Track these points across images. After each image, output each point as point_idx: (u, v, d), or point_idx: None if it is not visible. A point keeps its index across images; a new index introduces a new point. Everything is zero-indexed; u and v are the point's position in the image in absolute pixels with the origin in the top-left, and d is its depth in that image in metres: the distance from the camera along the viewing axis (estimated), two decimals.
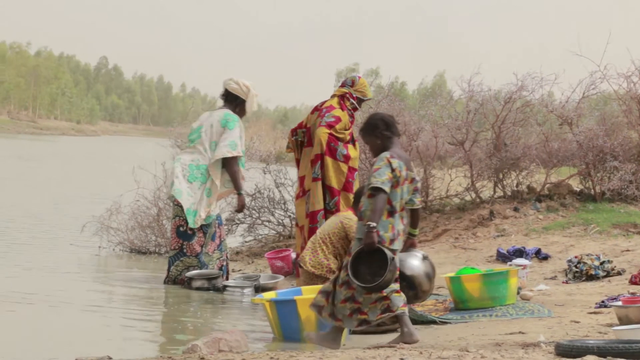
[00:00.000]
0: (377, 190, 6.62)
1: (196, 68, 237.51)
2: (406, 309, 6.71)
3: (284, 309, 7.19)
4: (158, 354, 6.21)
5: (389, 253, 6.53)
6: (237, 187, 10.30)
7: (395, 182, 6.74)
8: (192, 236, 10.17)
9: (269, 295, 7.56)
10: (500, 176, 13.68)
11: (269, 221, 13.96)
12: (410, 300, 7.04)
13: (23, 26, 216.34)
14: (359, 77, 10.19)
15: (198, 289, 9.97)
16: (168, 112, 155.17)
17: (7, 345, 6.55)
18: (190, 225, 10.10)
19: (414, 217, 7.12)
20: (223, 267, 10.36)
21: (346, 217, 8.46)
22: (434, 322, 7.87)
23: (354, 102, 9.97)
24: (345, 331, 7.23)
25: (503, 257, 10.88)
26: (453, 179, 14.16)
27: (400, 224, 6.82)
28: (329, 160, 9.63)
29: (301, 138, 10.13)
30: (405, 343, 6.50)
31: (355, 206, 8.36)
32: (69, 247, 13.10)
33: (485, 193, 13.88)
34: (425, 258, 7.39)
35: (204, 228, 10.20)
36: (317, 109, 10.04)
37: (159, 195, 13.42)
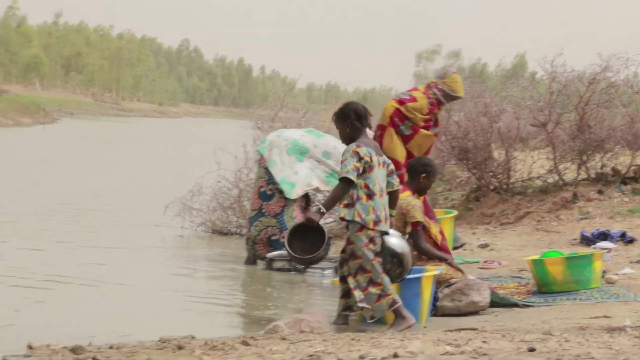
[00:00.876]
0: (343, 180, 6.83)
1: (276, 50, 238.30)
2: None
3: None
4: (240, 334, 6.25)
5: (327, 233, 6.93)
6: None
7: (368, 167, 6.88)
8: (272, 197, 10.38)
9: None
10: (584, 158, 13.46)
11: None
12: (396, 278, 7.06)
13: (106, 10, 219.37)
14: (453, 72, 10.00)
15: (279, 270, 10.02)
16: (248, 94, 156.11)
17: (92, 325, 6.67)
18: (286, 195, 10.33)
19: (392, 199, 7.11)
20: None
21: (404, 200, 8.22)
22: (516, 305, 7.79)
23: (438, 93, 9.79)
24: (427, 314, 7.21)
25: (587, 240, 10.71)
26: (535, 161, 13.99)
27: (382, 209, 6.90)
28: (392, 132, 9.44)
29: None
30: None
31: (410, 181, 8.27)
32: (153, 227, 13.28)
33: (568, 175, 13.68)
34: (404, 238, 7.39)
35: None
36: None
37: (240, 176, 13.51)
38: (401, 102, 9.49)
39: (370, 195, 6.86)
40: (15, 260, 9.57)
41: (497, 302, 7.77)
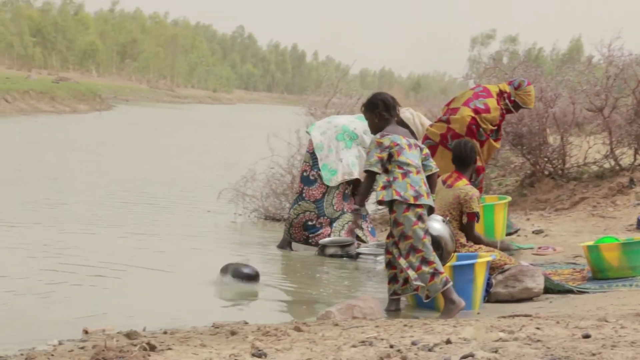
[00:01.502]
0: (368, 173, 6.94)
1: (329, 36, 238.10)
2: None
3: None
4: (293, 320, 6.27)
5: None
6: (357, 202, 9.96)
7: (396, 151, 6.88)
8: (314, 182, 10.46)
9: None
10: None
11: None
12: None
13: None
14: (528, 84, 9.93)
15: (331, 256, 10.03)
16: (302, 80, 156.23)
17: (145, 310, 6.73)
18: (325, 182, 10.30)
19: (431, 183, 7.07)
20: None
21: (462, 189, 8.18)
22: (571, 291, 7.71)
23: (510, 104, 9.75)
24: (480, 300, 7.17)
25: None
26: (591, 146, 13.82)
27: (422, 184, 6.91)
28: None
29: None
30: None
31: (463, 169, 8.22)
32: (207, 214, 13.37)
33: (624, 160, 13.51)
34: (444, 221, 7.32)
35: None
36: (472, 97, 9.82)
37: (293, 163, 13.53)
38: (476, 111, 9.51)
39: (405, 174, 6.88)
40: (70, 245, 9.69)
41: (552, 289, 7.71)
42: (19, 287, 7.20)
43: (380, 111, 7.11)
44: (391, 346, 4.61)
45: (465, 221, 7.92)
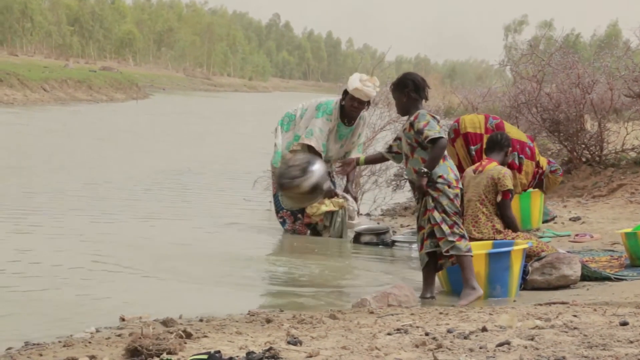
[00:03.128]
0: (438, 140, 6.85)
1: (364, 23, 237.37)
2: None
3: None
4: (328, 308, 6.28)
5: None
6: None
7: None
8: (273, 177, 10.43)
9: None
10: None
11: None
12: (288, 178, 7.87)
13: None
14: (561, 174, 9.52)
15: (367, 243, 10.03)
16: (337, 67, 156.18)
17: (181, 298, 6.76)
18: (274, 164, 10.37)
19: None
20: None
21: (494, 169, 8.05)
22: (608, 278, 7.66)
23: (534, 180, 9.39)
24: (516, 287, 7.14)
25: None
26: (629, 132, 13.71)
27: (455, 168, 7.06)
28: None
29: None
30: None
31: (495, 155, 8.14)
32: (242, 202, 13.40)
33: None
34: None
35: None
36: None
37: None
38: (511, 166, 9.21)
39: (444, 157, 6.98)
40: (107, 233, 9.75)
41: (589, 276, 7.66)
42: (57, 274, 7.26)
43: (409, 91, 7.10)
44: (426, 334, 4.60)
45: (499, 199, 7.84)
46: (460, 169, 8.83)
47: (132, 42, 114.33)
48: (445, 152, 7.01)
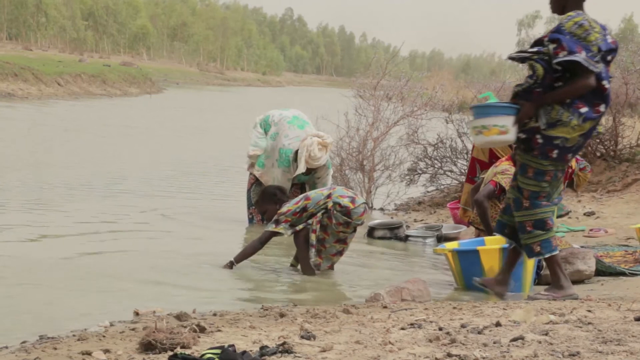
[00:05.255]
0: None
1: (377, 18, 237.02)
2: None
3: (467, 259, 7.14)
4: (341, 302, 6.28)
5: None
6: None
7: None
8: (250, 175, 10.86)
9: (451, 245, 7.52)
10: None
11: (451, 171, 13.87)
12: None
13: None
14: (590, 171, 9.29)
15: (380, 238, 10.02)
16: (350, 62, 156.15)
17: (195, 293, 6.77)
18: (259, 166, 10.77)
19: None
20: None
21: (501, 165, 8.02)
22: (623, 273, 7.64)
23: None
24: (530, 282, 7.12)
25: None
26: None
27: None
28: None
29: None
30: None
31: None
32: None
33: None
34: None
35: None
36: None
37: (342, 145, 13.52)
38: None
39: None
40: (123, 228, 9.78)
41: (603, 271, 7.64)
42: (70, 267, 7.28)
43: None
44: (440, 329, 4.59)
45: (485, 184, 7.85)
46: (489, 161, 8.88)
47: (145, 36, 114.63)
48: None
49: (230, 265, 7.56)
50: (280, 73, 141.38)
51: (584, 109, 6.16)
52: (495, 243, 7.30)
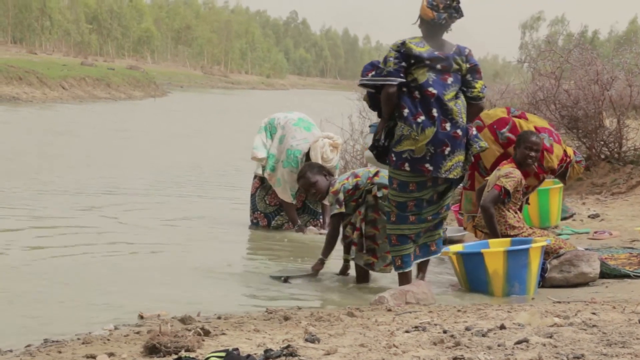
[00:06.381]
0: None
1: (380, 20, 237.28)
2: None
3: (471, 262, 7.13)
4: (345, 305, 6.28)
5: None
6: None
7: None
8: (254, 178, 10.89)
9: (456, 248, 7.51)
10: None
11: None
12: None
13: None
14: (585, 166, 9.28)
15: None
16: (354, 65, 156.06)
17: (200, 296, 6.78)
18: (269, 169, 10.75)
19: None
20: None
21: (504, 168, 7.97)
22: (627, 276, 7.62)
23: (560, 168, 9.17)
24: (535, 285, 7.12)
25: None
26: None
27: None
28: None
29: None
30: None
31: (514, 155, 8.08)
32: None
33: None
34: None
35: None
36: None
37: (346, 148, 13.51)
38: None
39: None
40: (126, 231, 9.78)
41: (608, 273, 7.62)
42: (74, 271, 7.29)
43: None
44: (445, 331, 4.59)
45: (489, 188, 7.79)
46: (475, 167, 8.82)
47: (150, 39, 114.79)
48: None
49: (321, 262, 7.50)
50: (284, 76, 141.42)
51: (420, 118, 6.65)
52: (499, 246, 7.29)
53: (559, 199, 10.18)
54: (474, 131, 6.84)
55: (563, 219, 10.50)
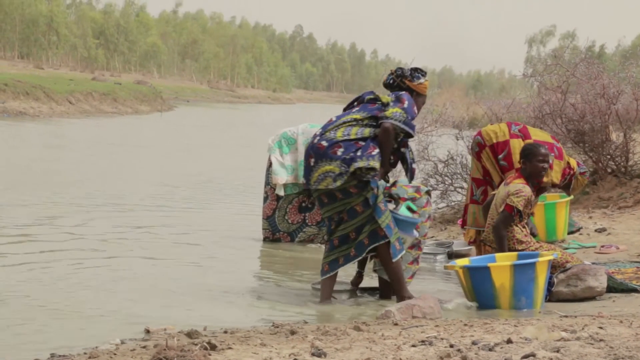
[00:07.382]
0: None
1: (387, 34, 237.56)
2: None
3: (478, 276, 7.12)
4: (352, 319, 6.28)
5: None
6: None
7: None
8: (266, 199, 10.83)
9: (462, 262, 7.50)
10: None
11: (461, 187, 13.85)
12: None
13: None
14: (588, 178, 9.31)
15: None
16: (361, 79, 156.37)
17: (209, 310, 6.78)
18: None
19: None
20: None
21: (514, 185, 7.93)
22: (635, 290, 7.60)
23: (564, 180, 9.15)
24: (541, 299, 7.10)
25: None
26: None
27: None
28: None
29: None
30: None
31: (522, 169, 8.02)
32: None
33: None
34: None
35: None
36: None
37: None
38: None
39: None
40: (131, 245, 9.79)
41: (615, 288, 7.60)
42: (81, 284, 7.30)
43: None
44: (451, 346, 4.59)
45: (501, 209, 7.72)
46: (488, 182, 8.78)
47: (156, 54, 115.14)
48: None
49: None
50: (291, 90, 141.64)
51: None
52: (506, 259, 7.28)
53: (565, 213, 10.16)
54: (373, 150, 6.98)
55: (570, 233, 10.49)
